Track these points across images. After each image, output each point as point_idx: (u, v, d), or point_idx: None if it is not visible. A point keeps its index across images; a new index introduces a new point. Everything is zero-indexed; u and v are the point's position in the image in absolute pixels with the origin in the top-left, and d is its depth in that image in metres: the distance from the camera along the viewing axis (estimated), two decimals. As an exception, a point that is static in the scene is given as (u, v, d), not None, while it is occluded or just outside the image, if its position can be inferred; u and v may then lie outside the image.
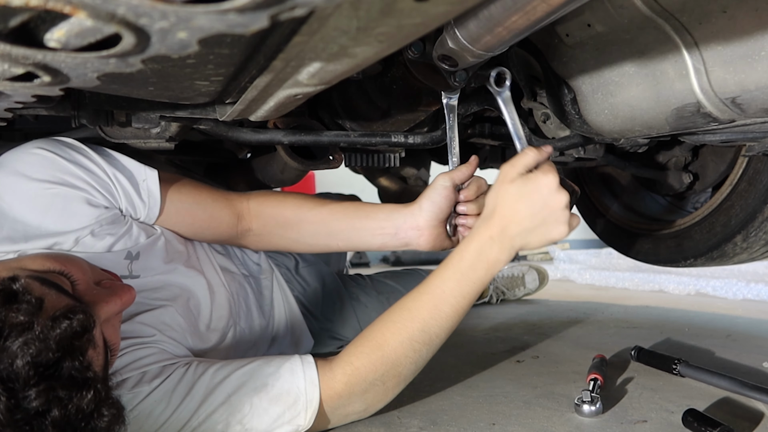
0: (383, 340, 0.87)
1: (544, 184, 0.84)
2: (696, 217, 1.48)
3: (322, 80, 0.62)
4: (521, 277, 2.30)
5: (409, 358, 0.88)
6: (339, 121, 1.21)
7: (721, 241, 1.40)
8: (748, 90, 0.73)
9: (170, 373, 0.83)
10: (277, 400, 0.82)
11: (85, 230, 0.86)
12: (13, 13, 0.38)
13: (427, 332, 0.88)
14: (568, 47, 0.91)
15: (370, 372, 0.86)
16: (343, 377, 0.86)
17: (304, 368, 0.85)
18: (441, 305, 0.88)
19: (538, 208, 0.84)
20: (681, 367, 1.15)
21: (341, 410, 0.88)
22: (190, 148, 1.66)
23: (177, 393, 0.81)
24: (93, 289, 0.71)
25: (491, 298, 2.23)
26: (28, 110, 0.90)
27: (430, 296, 0.88)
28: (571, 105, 1.00)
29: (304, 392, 0.83)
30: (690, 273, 2.85)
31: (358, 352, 0.87)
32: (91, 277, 0.72)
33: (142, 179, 0.93)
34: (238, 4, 0.35)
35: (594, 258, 3.89)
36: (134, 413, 0.78)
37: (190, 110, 0.89)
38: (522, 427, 0.93)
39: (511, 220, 0.86)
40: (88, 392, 0.56)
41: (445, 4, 0.42)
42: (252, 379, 0.83)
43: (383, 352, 0.87)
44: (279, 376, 0.84)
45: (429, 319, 0.88)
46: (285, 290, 1.31)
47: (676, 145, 1.46)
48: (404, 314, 0.89)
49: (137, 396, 0.79)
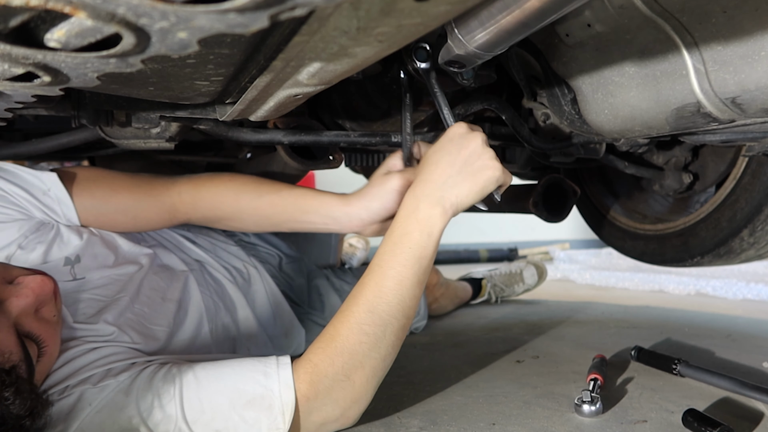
0: (334, 331, 0.83)
1: (452, 132, 0.85)
2: (701, 213, 1.46)
3: (322, 80, 0.62)
4: (519, 273, 2.28)
5: (365, 344, 0.83)
6: (339, 121, 1.21)
7: (727, 237, 1.38)
8: (748, 90, 0.73)
9: (141, 369, 0.80)
10: (251, 404, 0.78)
11: (12, 246, 0.85)
12: (13, 13, 0.38)
13: (374, 312, 0.83)
14: (568, 47, 0.91)
15: (328, 365, 0.82)
16: (306, 376, 0.81)
17: (278, 369, 0.81)
18: (382, 280, 0.84)
19: (456, 152, 0.84)
20: (681, 367, 1.15)
21: (315, 416, 0.82)
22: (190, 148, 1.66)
23: (150, 391, 0.77)
24: (2, 287, 0.71)
25: (490, 296, 2.21)
26: (28, 110, 0.90)
27: (370, 276, 0.85)
28: (571, 105, 1.00)
29: (279, 396, 0.79)
30: (690, 273, 2.85)
31: (315, 348, 0.84)
32: (3, 276, 0.73)
33: (45, 189, 0.92)
34: (238, 4, 0.35)
35: (594, 258, 3.89)
36: (99, 405, 0.76)
37: (190, 110, 0.89)
38: (522, 427, 0.93)
39: (432, 174, 0.84)
40: None
41: (445, 4, 0.42)
42: (224, 384, 0.79)
43: (336, 342, 0.82)
44: (252, 380, 0.80)
45: (373, 299, 0.83)
46: (269, 282, 1.30)
47: (676, 145, 1.46)
48: (350, 301, 0.85)
49: (103, 390, 0.77)
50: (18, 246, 0.86)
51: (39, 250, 0.88)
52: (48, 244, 0.89)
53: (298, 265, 1.44)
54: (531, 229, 4.69)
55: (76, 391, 0.76)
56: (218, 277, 1.18)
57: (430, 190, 0.84)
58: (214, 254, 1.25)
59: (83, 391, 0.76)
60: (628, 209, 1.76)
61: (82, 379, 0.78)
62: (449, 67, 0.85)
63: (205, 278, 1.15)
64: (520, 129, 1.11)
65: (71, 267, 0.90)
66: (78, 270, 0.90)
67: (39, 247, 0.88)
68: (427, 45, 0.91)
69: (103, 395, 0.76)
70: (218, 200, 1.02)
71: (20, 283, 0.73)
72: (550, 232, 4.91)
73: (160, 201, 1.03)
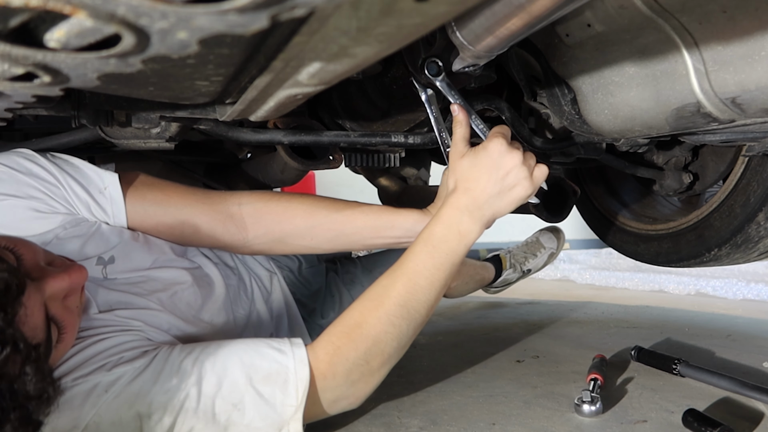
0: (361, 319, 0.86)
1: (493, 149, 0.88)
2: (713, 203, 1.43)
3: (322, 80, 0.62)
4: (536, 240, 2.14)
5: (390, 334, 0.86)
6: (339, 121, 1.21)
7: (743, 223, 1.35)
8: (748, 90, 0.73)
9: (154, 355, 0.81)
10: (267, 380, 0.81)
11: (49, 234, 0.86)
12: (13, 13, 0.38)
13: (404, 306, 0.87)
14: (568, 47, 0.91)
15: (352, 350, 0.85)
16: (326, 356, 0.84)
17: (293, 348, 0.84)
18: (416, 278, 0.87)
19: (495, 172, 0.88)
20: (681, 367, 1.15)
21: (329, 394, 0.85)
22: (190, 148, 1.66)
23: (165, 372, 0.79)
24: (40, 267, 0.72)
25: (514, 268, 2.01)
26: (28, 110, 0.90)
27: (404, 271, 0.88)
28: (571, 105, 1.00)
29: (294, 371, 0.81)
30: (690, 273, 2.85)
31: (338, 332, 0.86)
32: (42, 257, 0.73)
33: (102, 187, 0.92)
34: (238, 4, 0.35)
35: (594, 258, 3.89)
36: (116, 392, 0.77)
37: (190, 110, 0.89)
38: (522, 427, 0.93)
39: (475, 189, 0.88)
40: (5, 347, 0.57)
41: (445, 4, 0.42)
42: (241, 360, 0.81)
43: (362, 330, 0.85)
44: (267, 356, 0.82)
45: (405, 294, 0.87)
46: (286, 292, 1.30)
47: (676, 145, 1.45)
48: (380, 291, 0.88)
49: (120, 377, 0.78)
50: (55, 236, 0.86)
51: (75, 243, 0.87)
52: (85, 239, 0.89)
53: (316, 270, 1.43)
54: (531, 229, 4.68)
55: (90, 378, 0.77)
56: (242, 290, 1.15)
57: (473, 207, 0.88)
58: (244, 263, 1.22)
59: (98, 378, 0.77)
60: (637, 213, 1.73)
61: (97, 367, 0.78)
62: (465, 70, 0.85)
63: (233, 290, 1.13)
64: (520, 129, 1.11)
65: (103, 267, 0.90)
66: (110, 270, 0.90)
67: (75, 241, 0.88)
68: (438, 59, 0.92)
69: (120, 382, 0.77)
70: (289, 214, 1.01)
71: (59, 266, 0.73)
72: (550, 232, 4.90)
73: (214, 209, 1.00)
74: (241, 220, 1.01)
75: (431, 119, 0.97)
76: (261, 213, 1.01)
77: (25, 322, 0.63)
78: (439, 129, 0.97)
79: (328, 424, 0.97)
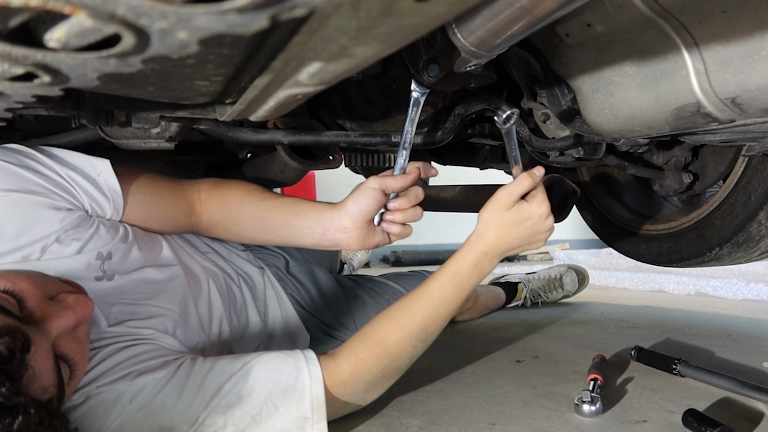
0: (386, 336, 0.93)
1: (537, 215, 0.97)
2: (714, 203, 1.43)
3: (322, 80, 0.62)
4: (558, 278, 2.17)
5: (408, 353, 0.94)
6: (339, 121, 1.21)
7: (744, 221, 1.35)
8: (748, 90, 0.73)
9: (177, 366, 0.83)
10: (284, 395, 0.85)
11: (51, 237, 0.84)
12: (13, 13, 0.38)
13: (425, 331, 0.95)
14: (568, 47, 0.90)
15: (374, 365, 0.91)
16: (348, 368, 0.90)
17: (308, 365, 0.88)
18: (439, 308, 0.95)
19: (529, 234, 0.98)
20: (681, 367, 1.15)
21: (343, 398, 0.91)
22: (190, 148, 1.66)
23: (188, 386, 0.82)
24: (44, 304, 0.69)
25: (526, 301, 2.10)
26: (28, 110, 0.90)
27: (430, 299, 0.95)
28: (571, 105, 1.00)
29: (309, 388, 0.86)
30: (690, 273, 2.85)
31: (363, 346, 0.92)
32: (44, 291, 0.71)
33: (96, 174, 0.93)
34: (238, 4, 0.35)
35: (594, 258, 3.89)
36: (140, 403, 0.78)
37: (190, 110, 0.89)
38: (522, 427, 0.93)
39: (505, 242, 0.97)
40: (16, 418, 0.55)
41: (445, 4, 0.42)
42: (260, 375, 0.85)
43: (386, 346, 0.92)
44: (285, 372, 0.87)
45: (428, 320, 0.95)
46: (277, 288, 1.31)
47: (676, 145, 1.45)
48: (405, 313, 0.95)
49: (143, 387, 0.79)
50: (56, 239, 0.85)
51: (74, 246, 0.87)
52: (84, 242, 0.88)
53: (305, 268, 1.44)
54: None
55: (114, 387, 0.78)
56: (233, 287, 1.18)
57: (498, 253, 0.98)
58: (231, 261, 1.25)
59: (122, 388, 0.79)
60: (637, 213, 1.73)
61: (120, 376, 0.79)
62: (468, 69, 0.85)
63: (223, 287, 1.15)
64: (520, 129, 1.11)
65: (102, 262, 0.90)
66: (108, 266, 0.90)
67: (75, 244, 0.87)
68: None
69: (144, 393, 0.79)
70: (226, 200, 1.06)
71: (62, 301, 0.71)
72: (550, 232, 4.89)
73: (185, 195, 1.05)
74: (199, 205, 1.07)
75: (407, 119, 0.96)
76: (210, 199, 1.06)
77: (32, 382, 0.62)
78: (407, 132, 0.98)
79: (328, 423, 0.97)
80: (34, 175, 0.85)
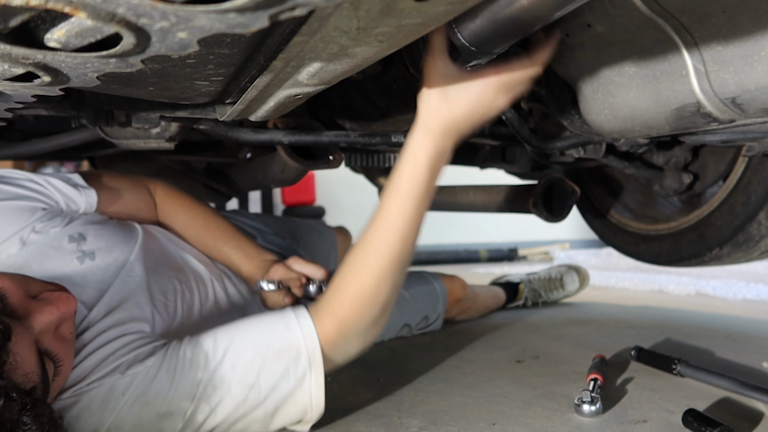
0: (360, 287, 0.86)
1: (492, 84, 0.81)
2: (713, 203, 1.43)
3: (322, 80, 0.62)
4: (559, 278, 2.15)
5: (389, 289, 0.87)
6: (339, 121, 1.21)
7: (744, 222, 1.35)
8: (748, 90, 0.73)
9: (165, 351, 0.83)
10: (279, 356, 0.84)
11: (26, 229, 0.88)
12: (13, 13, 0.38)
13: (400, 260, 0.86)
14: (568, 47, 0.90)
15: (358, 318, 0.87)
16: (333, 328, 0.87)
17: (299, 321, 0.87)
18: (407, 230, 0.84)
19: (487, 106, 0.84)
20: (681, 367, 1.15)
21: (341, 352, 0.90)
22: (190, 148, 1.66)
23: (180, 368, 0.81)
24: (26, 301, 0.71)
25: (526, 301, 2.08)
26: (28, 110, 0.91)
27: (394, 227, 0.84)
28: (571, 105, 1.00)
29: (304, 345, 0.85)
30: (690, 273, 2.85)
31: (340, 304, 0.87)
32: (26, 290, 0.72)
33: (68, 175, 1.01)
34: (238, 4, 0.35)
35: (594, 258, 3.89)
36: (134, 395, 0.79)
37: (190, 110, 0.89)
38: (522, 427, 0.94)
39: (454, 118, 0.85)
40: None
41: (445, 4, 0.42)
42: (252, 342, 0.84)
43: (363, 297, 0.86)
44: (276, 334, 0.86)
45: (399, 249, 0.85)
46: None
47: (676, 145, 1.45)
48: (372, 254, 0.86)
49: (134, 378, 0.79)
50: (32, 229, 0.89)
51: (51, 233, 0.91)
52: (61, 228, 0.93)
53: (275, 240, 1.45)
54: (531, 229, 4.69)
55: (105, 381, 0.79)
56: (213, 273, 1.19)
57: (449, 135, 0.86)
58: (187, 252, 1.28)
59: (113, 381, 0.79)
60: (637, 213, 1.73)
61: (109, 370, 0.80)
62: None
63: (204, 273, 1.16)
64: (520, 129, 1.11)
65: (77, 244, 0.92)
66: (85, 247, 0.93)
67: (52, 231, 0.91)
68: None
69: (136, 384, 0.79)
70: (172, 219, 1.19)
71: (45, 298, 0.72)
72: (550, 232, 4.90)
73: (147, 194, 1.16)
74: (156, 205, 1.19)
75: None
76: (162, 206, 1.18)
77: (15, 369, 0.63)
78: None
79: (328, 423, 0.97)
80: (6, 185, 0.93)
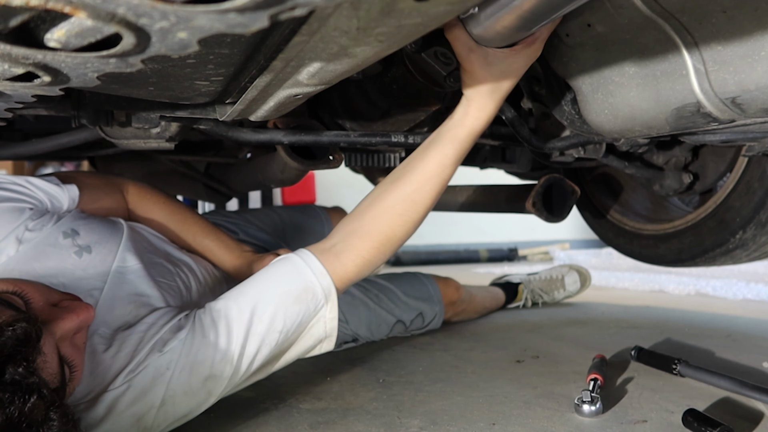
0: (392, 234, 0.92)
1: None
2: (729, 184, 1.43)
3: (322, 80, 0.62)
4: (560, 279, 2.14)
5: (411, 232, 0.94)
6: (339, 121, 1.21)
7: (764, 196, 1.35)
8: (748, 90, 0.73)
9: (192, 320, 0.88)
10: (298, 300, 0.89)
11: (20, 228, 0.90)
12: (13, 13, 0.38)
13: (429, 208, 0.93)
14: (568, 47, 0.90)
15: (380, 260, 0.94)
16: (355, 268, 0.92)
17: (307, 264, 0.91)
18: (443, 181, 0.91)
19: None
20: (681, 367, 1.15)
21: (354, 282, 0.95)
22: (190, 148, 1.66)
23: (212, 332, 0.86)
24: (48, 308, 0.74)
25: (526, 301, 2.07)
26: (28, 110, 0.91)
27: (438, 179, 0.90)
28: (571, 105, 1.00)
29: (319, 285, 0.90)
30: (690, 273, 2.85)
31: (368, 247, 0.92)
32: (48, 298, 0.75)
33: (47, 177, 1.03)
34: (238, 4, 0.35)
35: (594, 258, 3.89)
36: (177, 367, 0.84)
37: (190, 110, 0.89)
38: (522, 427, 0.94)
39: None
40: (31, 396, 0.59)
41: (445, 4, 0.42)
42: (272, 293, 0.89)
43: (391, 242, 0.93)
44: (290, 281, 0.90)
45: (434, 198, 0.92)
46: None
47: (676, 145, 1.45)
48: (409, 207, 0.91)
49: (172, 352, 0.84)
50: (26, 228, 0.91)
51: (45, 231, 0.92)
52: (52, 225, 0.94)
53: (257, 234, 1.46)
54: (531, 229, 4.70)
55: (148, 363, 0.84)
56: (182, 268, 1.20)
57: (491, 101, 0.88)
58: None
59: (154, 360, 0.84)
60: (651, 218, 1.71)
61: (147, 350, 0.84)
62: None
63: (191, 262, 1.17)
64: (520, 129, 1.11)
65: (72, 239, 0.94)
66: (81, 241, 0.94)
67: (45, 229, 0.92)
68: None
69: (175, 357, 0.84)
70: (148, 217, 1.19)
71: (65, 306, 0.75)
72: (550, 232, 4.91)
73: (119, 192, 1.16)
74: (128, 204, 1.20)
75: None
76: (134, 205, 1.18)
77: (44, 368, 0.66)
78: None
79: (328, 423, 0.97)
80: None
